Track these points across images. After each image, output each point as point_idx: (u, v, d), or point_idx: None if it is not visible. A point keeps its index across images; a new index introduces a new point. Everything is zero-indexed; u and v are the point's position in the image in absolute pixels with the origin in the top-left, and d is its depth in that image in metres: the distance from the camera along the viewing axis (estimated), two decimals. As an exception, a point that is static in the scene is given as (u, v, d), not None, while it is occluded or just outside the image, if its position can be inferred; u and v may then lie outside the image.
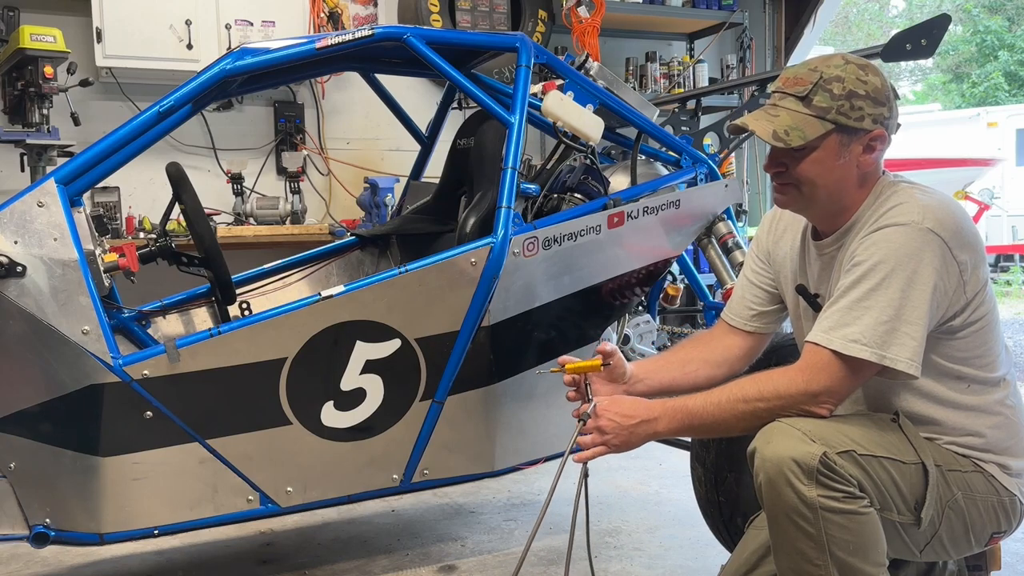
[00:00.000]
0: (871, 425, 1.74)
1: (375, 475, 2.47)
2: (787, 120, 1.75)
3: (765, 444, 1.68)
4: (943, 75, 23.02)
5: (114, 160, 2.31)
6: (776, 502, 1.66)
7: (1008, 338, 7.36)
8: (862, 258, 1.71)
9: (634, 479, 3.60)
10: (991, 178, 12.55)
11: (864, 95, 1.74)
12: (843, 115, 1.74)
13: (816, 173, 1.77)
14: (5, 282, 2.10)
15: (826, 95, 1.74)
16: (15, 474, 2.20)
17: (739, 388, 1.76)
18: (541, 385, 2.59)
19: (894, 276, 1.67)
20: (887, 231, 1.71)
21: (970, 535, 1.79)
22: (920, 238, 1.68)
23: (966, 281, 1.72)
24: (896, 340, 1.66)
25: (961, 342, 1.76)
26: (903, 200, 1.75)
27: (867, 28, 24.05)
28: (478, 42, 2.80)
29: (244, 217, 4.51)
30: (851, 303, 1.69)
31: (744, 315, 2.08)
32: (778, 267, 2.05)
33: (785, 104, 1.77)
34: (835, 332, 1.69)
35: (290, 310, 2.34)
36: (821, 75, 1.75)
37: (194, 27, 4.31)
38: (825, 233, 1.88)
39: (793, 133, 1.74)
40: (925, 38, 2.76)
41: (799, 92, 1.76)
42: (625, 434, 1.78)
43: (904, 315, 1.66)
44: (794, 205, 1.86)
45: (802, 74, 1.78)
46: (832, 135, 1.75)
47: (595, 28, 4.89)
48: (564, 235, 2.51)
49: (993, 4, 21.76)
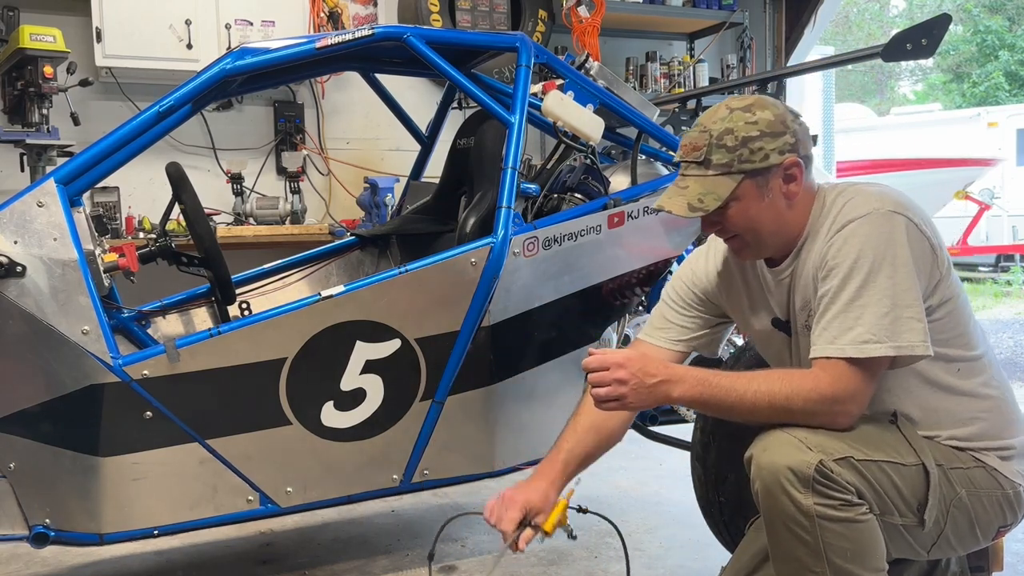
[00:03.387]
0: (869, 428, 1.73)
1: (375, 475, 2.47)
2: (697, 188, 1.76)
3: (762, 452, 1.68)
4: (943, 75, 23.02)
5: (114, 160, 2.31)
6: (773, 510, 1.66)
7: (1008, 338, 7.38)
8: (838, 259, 1.70)
9: (634, 479, 3.60)
10: (991, 178, 12.55)
11: (758, 135, 1.74)
12: (746, 162, 1.74)
13: (749, 220, 1.78)
14: (5, 282, 2.10)
15: (722, 151, 1.75)
16: (15, 474, 2.19)
17: (767, 383, 1.71)
18: (541, 385, 2.60)
19: (877, 266, 1.66)
20: (852, 226, 1.70)
21: (976, 531, 1.78)
22: (887, 222, 1.68)
23: (937, 255, 1.72)
24: (904, 327, 1.65)
25: (940, 323, 1.75)
26: (852, 195, 1.76)
27: (867, 28, 24.06)
28: (478, 42, 2.80)
29: (244, 217, 4.50)
30: (845, 306, 1.68)
31: (676, 338, 2.03)
32: (732, 302, 2.00)
33: (690, 172, 1.79)
34: (842, 339, 1.67)
35: (290, 310, 2.34)
36: (711, 134, 1.76)
37: (194, 27, 4.31)
38: (778, 260, 1.87)
39: (707, 199, 1.75)
40: (925, 38, 2.76)
41: (697, 158, 1.77)
42: (644, 392, 1.71)
43: (901, 300, 1.65)
44: (750, 253, 1.87)
45: (695, 138, 1.79)
46: (745, 183, 1.75)
47: (595, 28, 4.89)
48: (564, 235, 2.51)
49: (993, 4, 21.76)
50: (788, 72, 4.04)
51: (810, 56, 6.25)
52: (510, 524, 1.84)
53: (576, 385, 2.68)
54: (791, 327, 1.89)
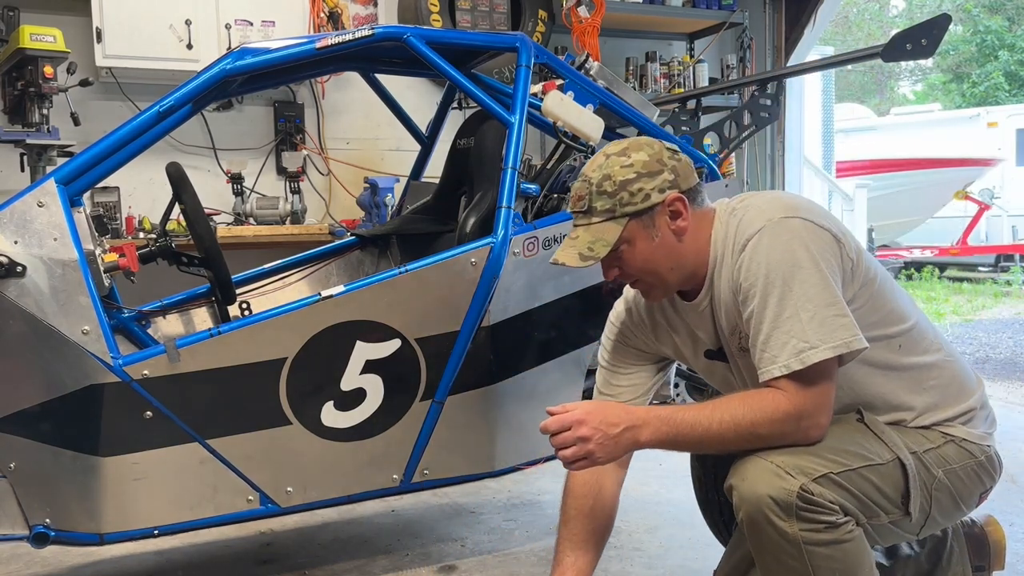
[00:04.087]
0: (839, 433, 1.72)
1: (375, 475, 2.47)
2: (586, 237, 1.77)
3: (741, 481, 1.67)
4: (943, 75, 23.03)
5: (114, 160, 2.31)
6: (759, 540, 1.66)
7: (1008, 338, 7.38)
8: (749, 280, 1.70)
9: (634, 479, 3.57)
10: (991, 178, 12.57)
11: (635, 177, 1.75)
12: (627, 205, 1.75)
13: (644, 261, 1.79)
14: (5, 282, 2.10)
15: (603, 197, 1.76)
16: (15, 474, 2.20)
17: (730, 412, 1.68)
18: (541, 385, 2.60)
19: (789, 275, 1.66)
20: (752, 244, 1.71)
21: (960, 504, 1.82)
22: (783, 229, 1.69)
23: (842, 243, 1.72)
24: (833, 324, 1.64)
25: (867, 306, 1.75)
26: (743, 213, 1.77)
27: (867, 28, 24.06)
28: (478, 42, 2.81)
29: (244, 217, 4.51)
30: (772, 323, 1.66)
31: (627, 400, 2.02)
32: (663, 343, 1.99)
33: (578, 222, 1.81)
34: (781, 357, 1.65)
35: (290, 310, 2.34)
36: (590, 182, 1.78)
37: (194, 27, 4.31)
38: (693, 292, 1.86)
39: (596, 246, 1.76)
40: (925, 38, 2.76)
41: (581, 207, 1.79)
42: (610, 445, 1.67)
43: (821, 301, 1.65)
44: (657, 293, 1.87)
45: (578, 188, 1.81)
46: (631, 225, 1.76)
47: (595, 28, 4.89)
48: (564, 235, 2.51)
49: (993, 4, 21.76)
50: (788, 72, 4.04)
51: (810, 56, 6.26)
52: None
53: (576, 385, 2.68)
54: (726, 353, 1.88)
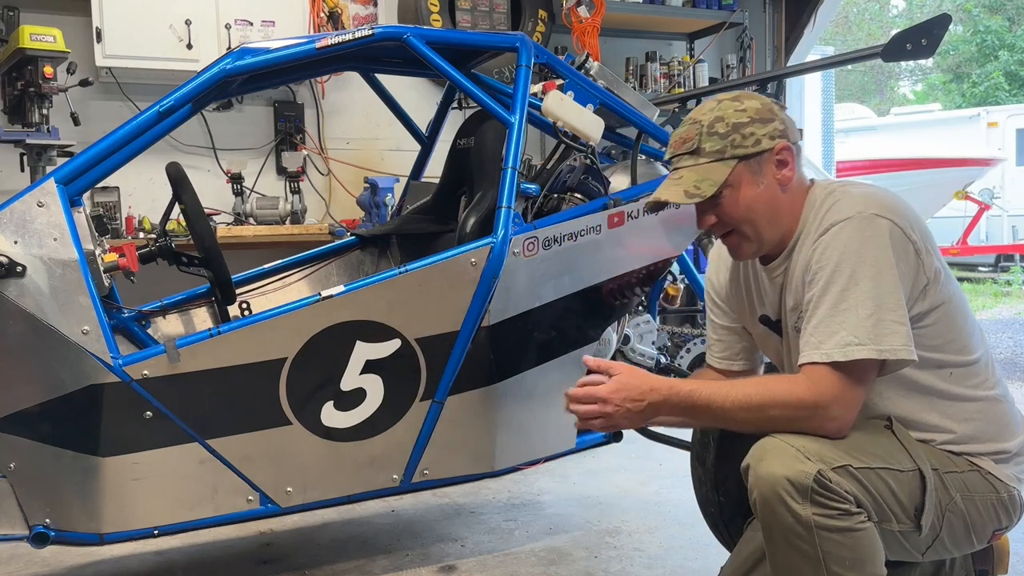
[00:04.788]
0: (865, 434, 1.72)
1: (375, 475, 2.47)
2: (691, 177, 1.78)
3: (758, 462, 1.67)
4: (943, 75, 23.02)
5: (114, 160, 2.31)
6: (771, 521, 1.65)
7: (1008, 338, 7.38)
8: (821, 264, 1.70)
9: (634, 479, 3.60)
10: (991, 178, 12.57)
11: (748, 121, 1.76)
12: (739, 147, 1.76)
13: (745, 208, 1.78)
14: (5, 282, 2.10)
15: (714, 137, 1.77)
16: (15, 474, 2.20)
17: (743, 391, 1.72)
18: (541, 385, 2.59)
19: (859, 270, 1.66)
20: (834, 230, 1.70)
21: (971, 534, 1.78)
22: (870, 226, 1.68)
23: (923, 260, 1.71)
24: (887, 330, 1.64)
25: (931, 328, 1.74)
26: (839, 197, 1.76)
27: (867, 28, 24.06)
28: (478, 42, 2.80)
29: (244, 217, 4.51)
30: (829, 311, 1.67)
31: (726, 355, 2.08)
32: (739, 305, 2.03)
33: (682, 164, 1.81)
34: (826, 345, 1.66)
35: (290, 310, 2.34)
36: (701, 124, 1.79)
37: (194, 27, 4.31)
38: (772, 257, 1.87)
39: (703, 185, 1.76)
40: (925, 38, 2.76)
41: (689, 148, 1.80)
42: (630, 414, 1.76)
43: (884, 304, 1.65)
44: (748, 248, 1.86)
45: (684, 132, 1.82)
46: (738, 168, 1.76)
47: (595, 28, 4.89)
48: (564, 235, 2.51)
49: (993, 4, 21.76)
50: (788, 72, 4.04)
51: (810, 56, 6.26)
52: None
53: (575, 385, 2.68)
54: (781, 327, 1.89)
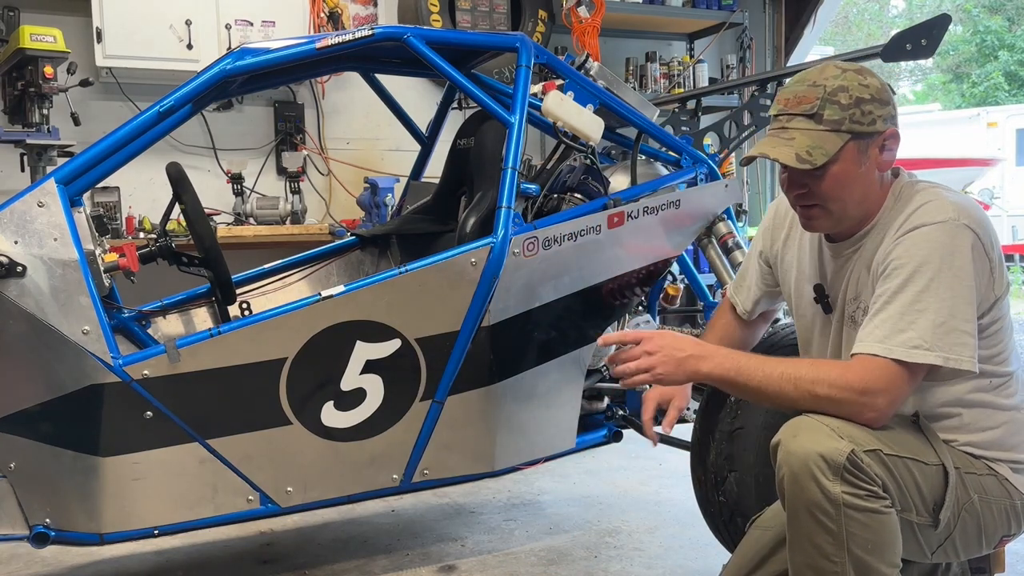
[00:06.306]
0: (895, 425, 1.73)
1: (375, 475, 2.47)
2: (805, 141, 1.73)
3: (791, 438, 1.67)
4: (943, 75, 23.02)
5: (114, 160, 2.31)
6: (798, 496, 1.65)
7: (1008, 338, 7.38)
8: (903, 260, 1.69)
9: (634, 479, 3.60)
10: (991, 178, 12.56)
11: (870, 98, 1.74)
12: (856, 123, 1.73)
13: (842, 186, 1.76)
14: (5, 282, 2.10)
15: (835, 107, 1.73)
16: (15, 474, 2.20)
17: (795, 367, 1.72)
18: (541, 385, 2.59)
19: (941, 275, 1.65)
20: (924, 230, 1.69)
21: (982, 537, 1.79)
22: (959, 235, 1.67)
23: (995, 278, 1.72)
24: (957, 340, 1.65)
25: (986, 340, 1.74)
26: (930, 198, 1.74)
27: (867, 28, 24.05)
28: (478, 42, 2.80)
29: (244, 217, 4.51)
30: (902, 308, 1.67)
31: (748, 306, 2.17)
32: (786, 266, 2.04)
33: (795, 125, 1.75)
34: (892, 340, 1.66)
35: (290, 310, 2.34)
36: (824, 88, 1.74)
37: (194, 27, 4.31)
38: (841, 236, 1.86)
39: (816, 152, 1.72)
40: (925, 38, 2.76)
41: (807, 110, 1.74)
42: (672, 364, 1.77)
43: (958, 314, 1.65)
44: (824, 225, 1.84)
45: (803, 92, 1.76)
46: (849, 144, 1.73)
47: (595, 28, 4.89)
48: (564, 235, 2.51)
49: (993, 4, 21.75)
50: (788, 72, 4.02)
51: (810, 56, 6.25)
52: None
53: (576, 385, 2.68)
54: (832, 307, 1.89)
